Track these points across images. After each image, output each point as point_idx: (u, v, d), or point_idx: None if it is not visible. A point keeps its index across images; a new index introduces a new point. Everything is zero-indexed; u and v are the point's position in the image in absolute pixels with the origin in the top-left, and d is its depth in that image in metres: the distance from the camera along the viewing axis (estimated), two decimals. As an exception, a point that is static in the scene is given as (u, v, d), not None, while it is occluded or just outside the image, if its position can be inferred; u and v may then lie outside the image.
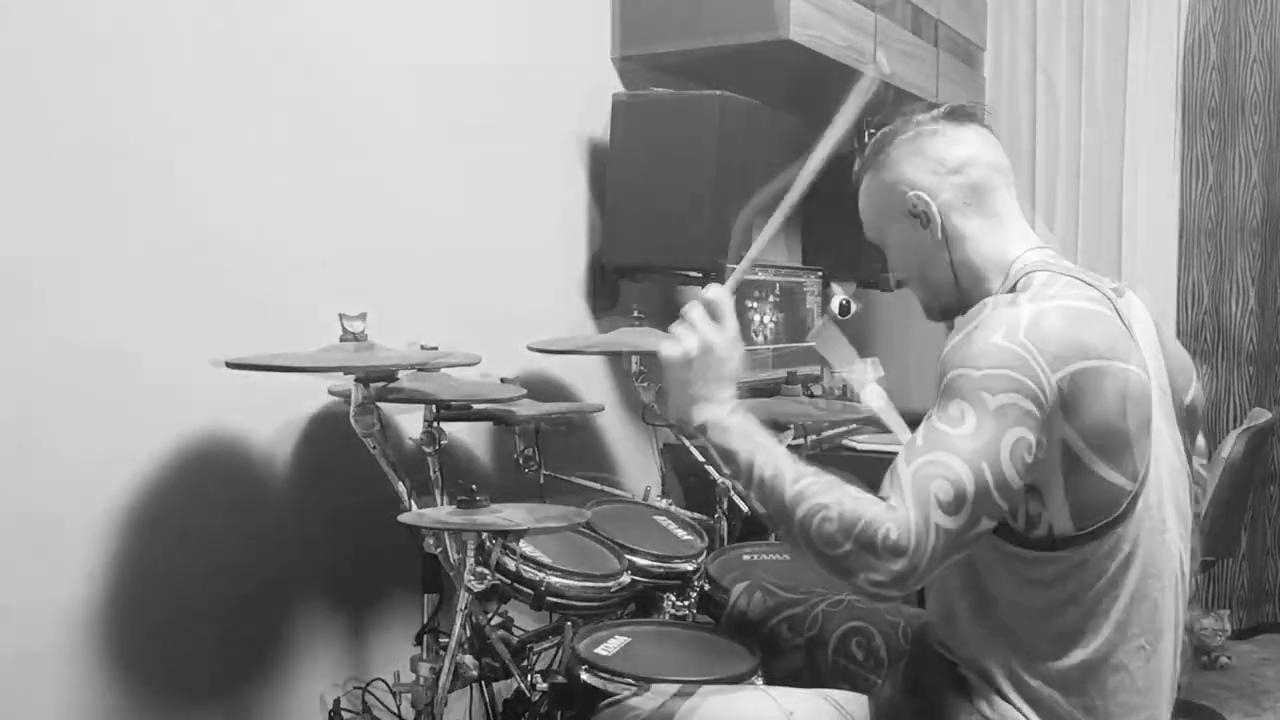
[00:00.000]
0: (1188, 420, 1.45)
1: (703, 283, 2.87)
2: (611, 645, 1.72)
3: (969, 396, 1.24)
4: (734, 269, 1.53)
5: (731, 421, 1.35)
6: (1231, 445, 2.79)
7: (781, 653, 1.66)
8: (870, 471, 1.89)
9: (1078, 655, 1.32)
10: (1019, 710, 1.34)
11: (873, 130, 1.55)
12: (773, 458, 1.29)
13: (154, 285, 1.84)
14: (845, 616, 1.64)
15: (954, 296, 1.51)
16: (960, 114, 1.51)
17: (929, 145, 1.49)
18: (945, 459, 1.21)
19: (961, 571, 1.38)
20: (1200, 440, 1.53)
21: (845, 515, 1.20)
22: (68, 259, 1.73)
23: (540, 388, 2.48)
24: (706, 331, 1.38)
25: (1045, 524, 1.30)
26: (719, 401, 1.36)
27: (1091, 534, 1.29)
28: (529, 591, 1.81)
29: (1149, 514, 1.33)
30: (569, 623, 1.83)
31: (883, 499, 1.22)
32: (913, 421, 3.16)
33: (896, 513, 1.19)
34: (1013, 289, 1.40)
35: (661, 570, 2.02)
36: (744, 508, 2.33)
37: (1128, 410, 1.29)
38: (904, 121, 1.53)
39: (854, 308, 3.57)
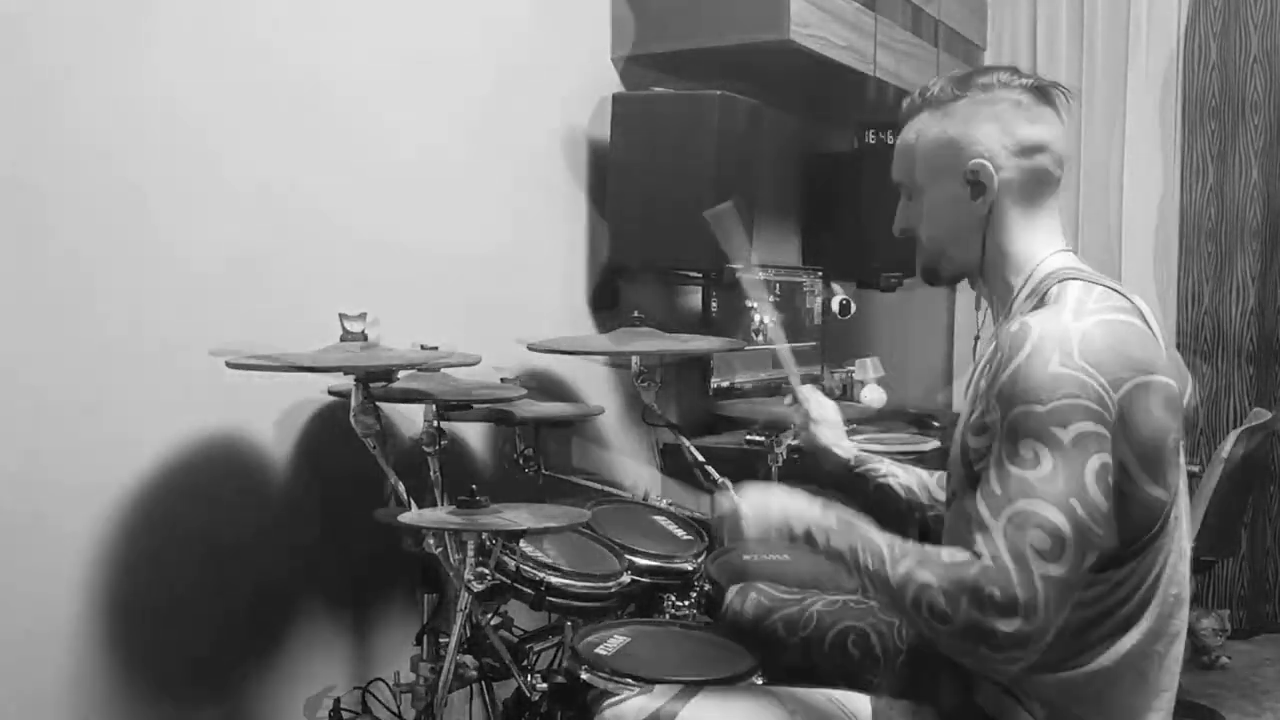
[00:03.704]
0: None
1: (702, 283, 2.89)
2: (611, 645, 1.72)
3: (1040, 434, 1.20)
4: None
5: (828, 521, 1.34)
6: (1231, 445, 2.79)
7: (778, 653, 1.66)
8: (870, 471, 1.89)
9: (1100, 663, 1.31)
10: (1026, 708, 1.34)
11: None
12: (871, 546, 1.28)
13: (154, 285, 1.84)
14: (840, 616, 1.63)
15: (965, 271, 1.47)
16: (1044, 94, 1.42)
17: (1009, 115, 1.39)
18: (1032, 506, 1.18)
19: None
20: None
21: (949, 588, 1.18)
22: (68, 258, 1.73)
23: (540, 388, 2.48)
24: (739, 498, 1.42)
25: None
26: (806, 505, 1.37)
27: (1135, 552, 1.28)
28: (529, 591, 1.80)
29: (1176, 525, 1.33)
30: (569, 623, 1.83)
31: (976, 554, 1.19)
32: (913, 420, 3.12)
33: (995, 572, 1.16)
34: (1041, 297, 1.35)
35: (662, 569, 2.03)
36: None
37: (1170, 423, 1.28)
38: (983, 73, 1.43)
39: (853, 307, 3.58)
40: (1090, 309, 1.29)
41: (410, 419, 2.11)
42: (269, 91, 2.01)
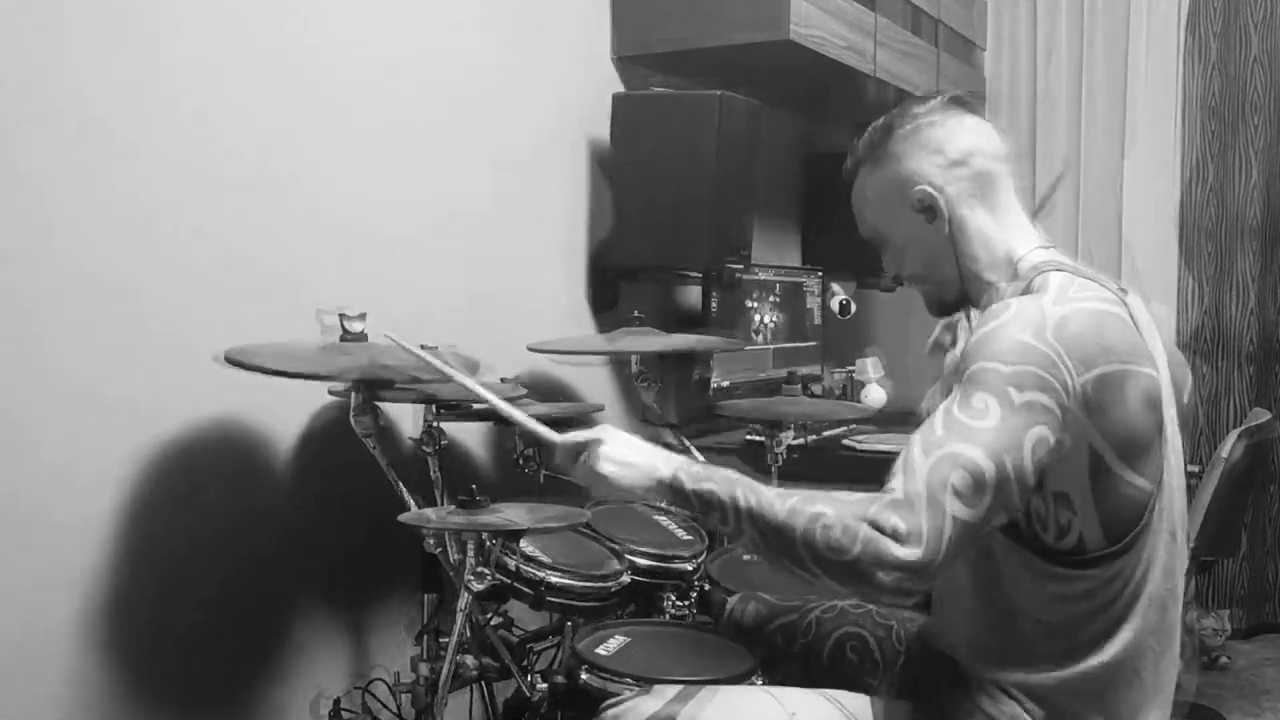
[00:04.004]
0: (1183, 423, 1.45)
1: (702, 283, 2.89)
2: (611, 645, 1.72)
3: (995, 390, 1.22)
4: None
5: (695, 468, 1.33)
6: (1231, 445, 2.79)
7: (777, 661, 1.66)
8: (870, 472, 1.90)
9: (1095, 662, 1.32)
10: (1025, 709, 1.34)
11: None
12: (749, 486, 1.27)
13: (154, 284, 1.84)
14: (839, 622, 1.64)
15: (958, 291, 1.49)
16: (957, 103, 1.48)
17: (930, 136, 1.45)
18: (965, 449, 1.19)
19: (983, 586, 1.37)
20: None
21: (845, 519, 1.18)
22: (68, 258, 1.73)
23: (540, 388, 2.48)
24: (578, 435, 1.41)
25: (1075, 533, 1.29)
26: (666, 456, 1.36)
27: (1123, 549, 1.29)
28: (529, 591, 1.80)
29: (1164, 519, 1.33)
30: (569, 623, 1.83)
31: (889, 489, 1.19)
32: (913, 420, 3.15)
33: (904, 505, 1.16)
34: (1026, 288, 1.37)
35: (661, 569, 2.03)
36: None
37: (1148, 413, 1.29)
38: (899, 114, 1.48)
39: (853, 308, 3.58)
40: (1071, 296, 1.31)
41: (410, 419, 2.11)
42: (270, 90, 2.01)
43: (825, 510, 1.19)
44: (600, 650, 1.69)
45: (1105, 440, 1.26)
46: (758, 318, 3.15)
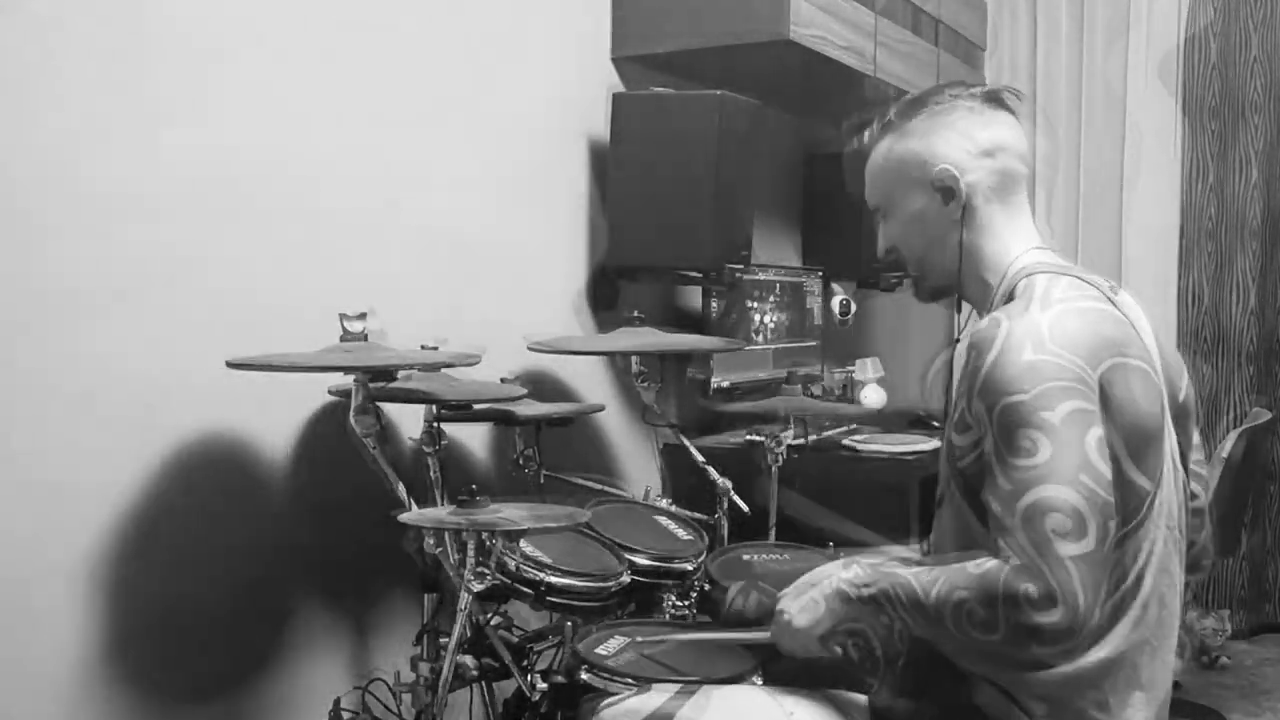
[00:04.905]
0: (1182, 419, 1.45)
1: (703, 283, 2.89)
2: (611, 645, 1.72)
3: (1031, 422, 1.23)
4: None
5: (853, 574, 1.39)
6: (1231, 445, 2.79)
7: (778, 653, 1.66)
8: (870, 471, 1.89)
9: (1092, 656, 1.32)
10: (1024, 708, 1.34)
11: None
12: (900, 582, 1.32)
13: (154, 285, 1.84)
14: None
15: (949, 279, 1.50)
16: (996, 98, 1.48)
17: (963, 121, 1.45)
18: (1044, 493, 1.20)
19: None
20: (1195, 437, 1.53)
21: (984, 599, 1.21)
22: (69, 259, 1.73)
23: (540, 388, 2.48)
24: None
25: None
26: (831, 570, 1.42)
27: (1117, 542, 1.29)
28: (529, 591, 1.80)
29: (1162, 512, 1.34)
30: (569, 623, 1.82)
31: (1004, 558, 1.22)
32: (913, 420, 3.13)
33: (1023, 569, 1.19)
34: (1010, 294, 1.39)
35: (662, 569, 2.03)
36: (744, 508, 2.33)
37: (1150, 405, 1.30)
38: (935, 92, 1.49)
39: (853, 308, 3.58)
40: (1056, 298, 1.32)
41: (410, 419, 2.11)
42: (270, 90, 2.02)
43: (965, 596, 1.23)
44: (600, 650, 1.69)
45: (1118, 433, 1.27)
46: (758, 318, 3.15)
